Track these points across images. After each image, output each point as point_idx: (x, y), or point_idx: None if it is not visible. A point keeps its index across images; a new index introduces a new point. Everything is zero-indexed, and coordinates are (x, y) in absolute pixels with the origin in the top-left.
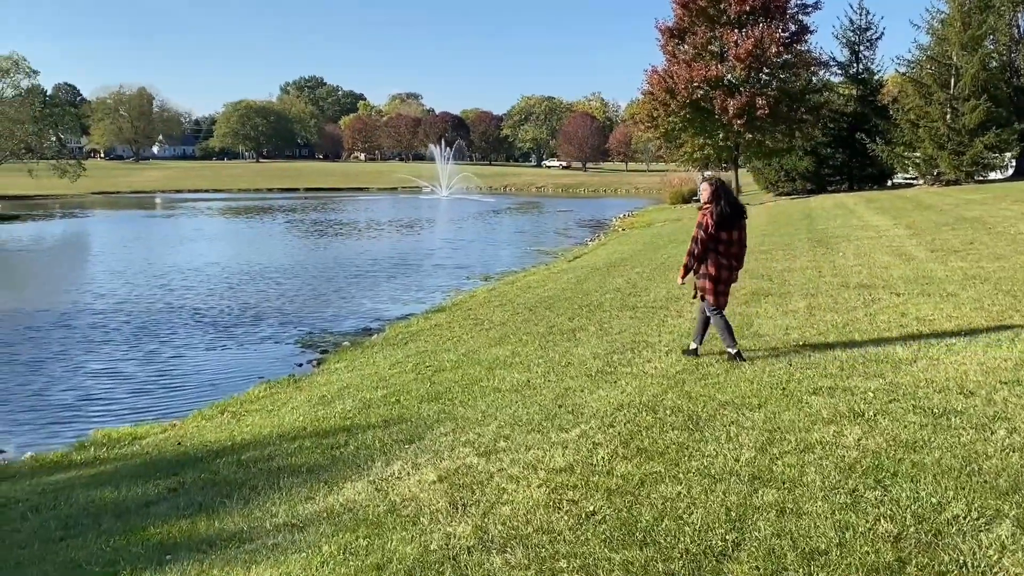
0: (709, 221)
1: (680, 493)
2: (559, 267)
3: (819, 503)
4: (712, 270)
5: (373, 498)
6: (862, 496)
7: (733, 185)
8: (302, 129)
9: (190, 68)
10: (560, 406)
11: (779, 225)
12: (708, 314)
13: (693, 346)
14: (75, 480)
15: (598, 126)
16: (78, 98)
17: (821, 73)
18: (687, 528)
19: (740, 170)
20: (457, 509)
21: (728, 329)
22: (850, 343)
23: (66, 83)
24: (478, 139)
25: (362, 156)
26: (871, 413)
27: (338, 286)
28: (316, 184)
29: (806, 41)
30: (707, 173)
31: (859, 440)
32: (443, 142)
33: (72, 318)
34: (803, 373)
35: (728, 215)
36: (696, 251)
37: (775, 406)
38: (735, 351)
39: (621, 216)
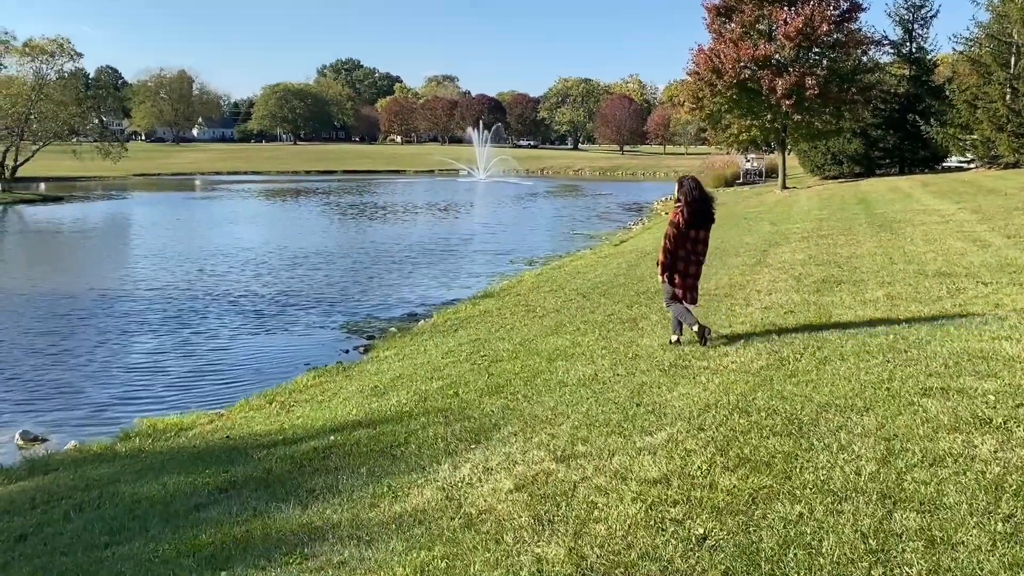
0: (681, 219)
1: (802, 514)
2: (605, 251)
3: (973, 531)
4: (681, 265)
5: (445, 508)
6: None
7: (780, 167)
8: (339, 112)
9: (229, 51)
10: (638, 404)
11: (833, 209)
12: (666, 305)
13: (676, 337)
14: (119, 475)
15: (636, 108)
16: (120, 81)
17: (872, 52)
18: (822, 560)
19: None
20: (543, 526)
21: (686, 313)
22: (946, 337)
23: (109, 66)
24: (515, 121)
25: (398, 139)
26: (1000, 420)
27: (380, 270)
28: (353, 167)
29: (857, 19)
30: (750, 156)
31: (995, 452)
32: (480, 124)
33: (113, 302)
34: (904, 371)
35: (698, 213)
36: (669, 247)
37: (884, 409)
38: (676, 339)
39: (662, 200)
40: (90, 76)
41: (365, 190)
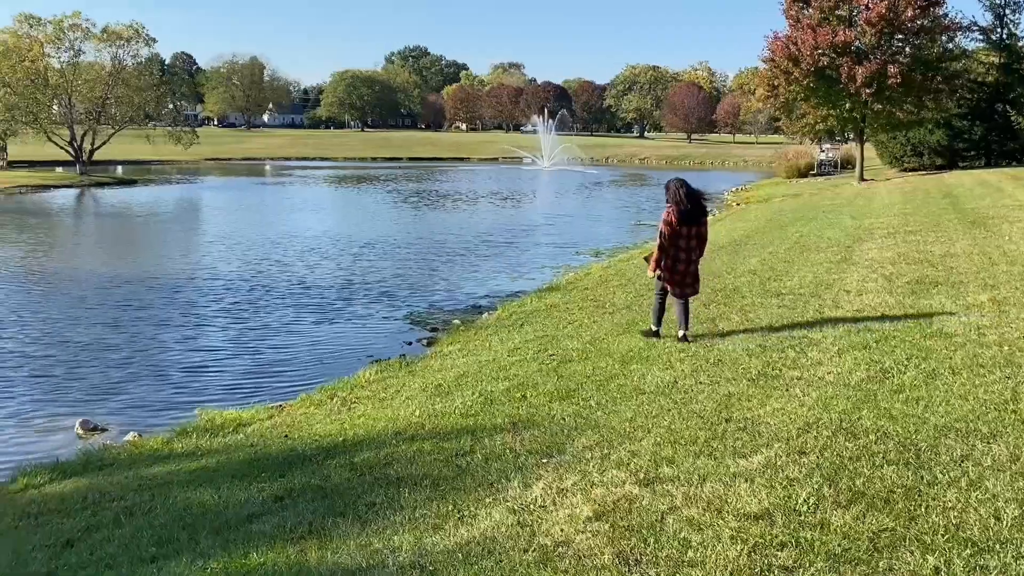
0: (673, 218)
1: (938, 569)
2: None
3: None
4: (669, 262)
5: (517, 537)
6: None
7: (858, 158)
8: (405, 99)
9: (300, 38)
10: (727, 420)
11: (917, 204)
12: (656, 292)
13: (681, 332)
14: (173, 476)
15: (704, 96)
16: (194, 67)
17: (959, 39)
18: None
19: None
20: (630, 567)
21: (659, 312)
22: None
23: (183, 52)
24: (580, 109)
25: (463, 126)
26: None
27: (442, 259)
28: (418, 154)
29: (944, 4)
30: (825, 146)
31: None
32: (545, 112)
33: (178, 288)
34: None
35: (690, 212)
36: (664, 244)
37: (1016, 437)
38: (655, 330)
39: (733, 190)
40: (165, 62)
41: (429, 177)
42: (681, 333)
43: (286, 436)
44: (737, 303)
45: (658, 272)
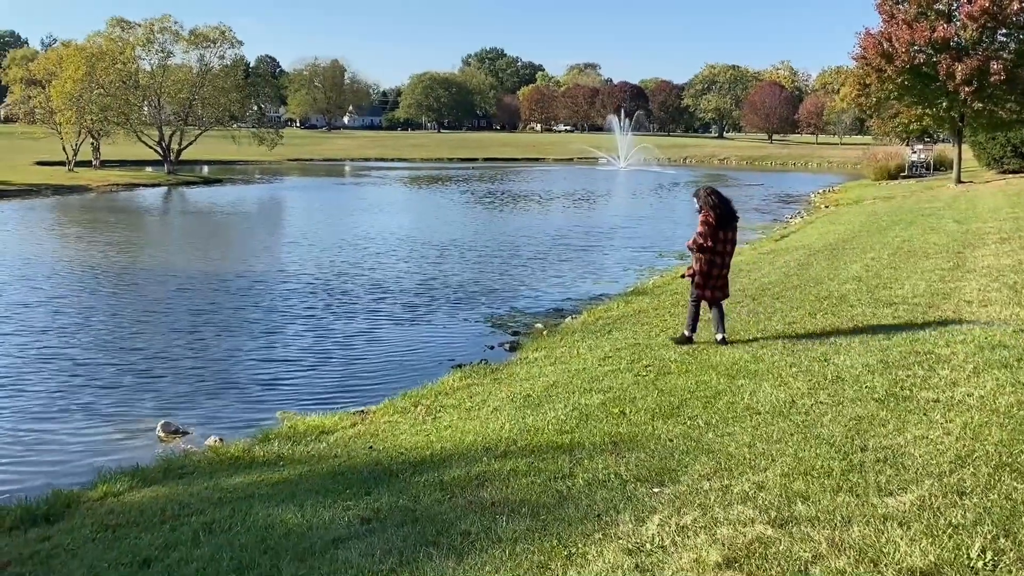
0: (712, 220)
1: None
2: (766, 247)
3: None
4: (704, 266)
5: None
6: None
7: (955, 160)
8: (481, 100)
9: (379, 41)
10: (862, 449)
11: None
12: (692, 300)
13: (720, 336)
14: (254, 488)
15: (787, 96)
16: (278, 70)
17: None
18: None
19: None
20: None
21: (694, 319)
22: None
23: (267, 55)
24: (657, 109)
25: (538, 127)
26: None
27: (519, 261)
28: (493, 154)
29: None
30: (917, 147)
31: None
32: (621, 112)
33: (259, 289)
34: None
35: (725, 216)
36: (703, 245)
37: None
38: (688, 335)
39: (820, 192)
40: (250, 65)
41: (504, 178)
42: (720, 336)
43: (371, 447)
44: (846, 312)
45: (693, 276)
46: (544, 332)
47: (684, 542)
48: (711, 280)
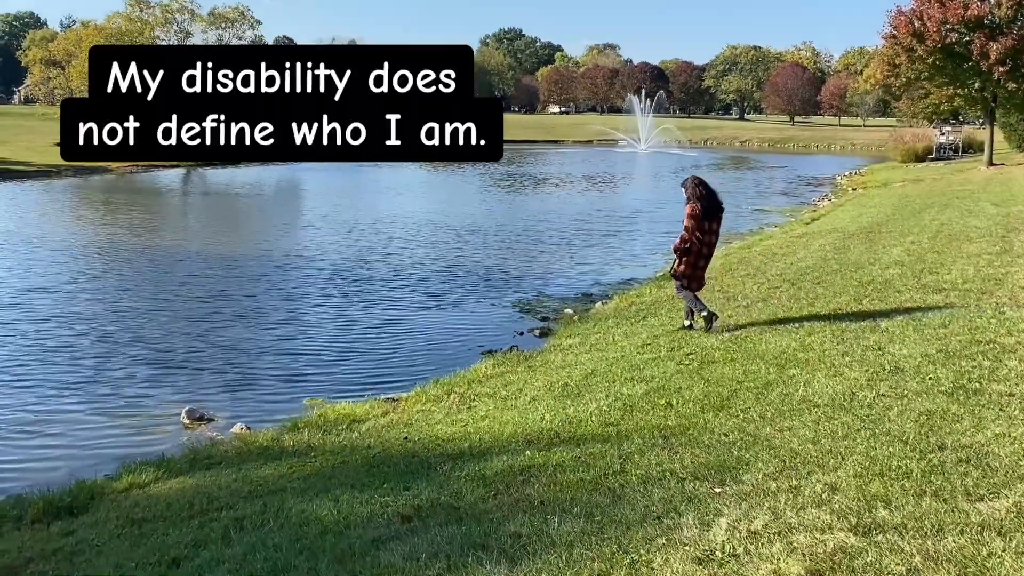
0: (698, 212)
1: None
2: (797, 230)
3: None
4: (693, 257)
5: None
6: None
7: (987, 142)
8: (499, 81)
9: (398, 20)
10: (940, 448)
11: None
12: (677, 292)
13: (689, 323)
14: (285, 481)
15: (809, 77)
16: None
17: None
18: None
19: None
20: None
21: (696, 300)
22: None
23: (285, 36)
24: (677, 91)
25: (557, 108)
26: None
27: (543, 245)
28: (513, 136)
29: None
30: (945, 129)
31: None
32: (642, 93)
33: (280, 273)
34: None
35: (711, 208)
36: (687, 238)
37: None
38: (707, 312)
39: (847, 174)
40: (268, 45)
41: (523, 160)
42: (688, 323)
43: (406, 438)
44: (893, 298)
45: (679, 270)
46: (575, 317)
47: (758, 550)
48: (697, 271)
